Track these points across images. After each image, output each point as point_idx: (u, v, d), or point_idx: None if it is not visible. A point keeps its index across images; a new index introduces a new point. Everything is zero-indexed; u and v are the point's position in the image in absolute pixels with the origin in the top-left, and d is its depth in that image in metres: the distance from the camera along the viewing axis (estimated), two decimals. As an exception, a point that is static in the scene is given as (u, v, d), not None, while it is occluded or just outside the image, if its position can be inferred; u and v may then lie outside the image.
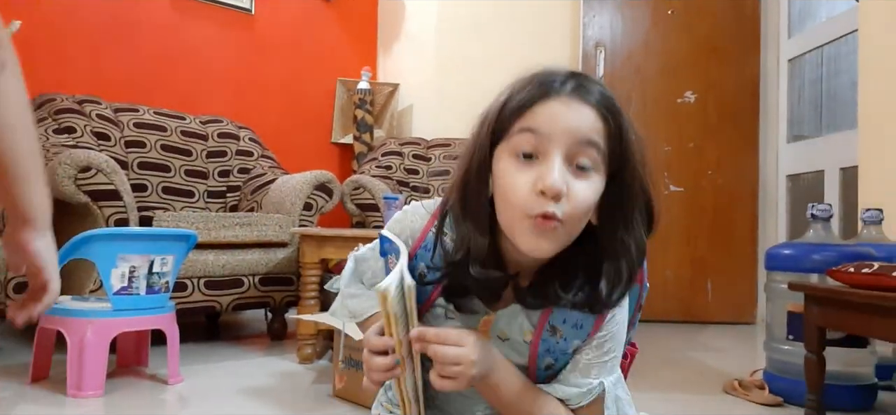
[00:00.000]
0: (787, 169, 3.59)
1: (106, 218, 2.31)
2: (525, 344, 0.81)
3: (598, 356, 0.81)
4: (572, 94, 0.73)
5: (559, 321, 0.80)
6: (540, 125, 0.72)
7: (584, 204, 0.72)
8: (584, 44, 3.68)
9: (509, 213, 0.73)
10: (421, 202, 0.88)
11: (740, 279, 3.63)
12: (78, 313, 1.88)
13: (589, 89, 0.74)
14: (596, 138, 0.72)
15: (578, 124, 0.72)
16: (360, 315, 0.89)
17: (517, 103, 0.74)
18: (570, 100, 0.73)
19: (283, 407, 1.81)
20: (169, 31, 3.50)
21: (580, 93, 0.73)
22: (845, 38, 3.10)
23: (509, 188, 0.72)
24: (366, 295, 0.90)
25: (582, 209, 0.72)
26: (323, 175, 2.89)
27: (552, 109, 0.72)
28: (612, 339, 0.82)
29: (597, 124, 0.73)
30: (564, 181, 0.70)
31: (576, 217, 0.72)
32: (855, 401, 1.88)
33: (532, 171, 0.71)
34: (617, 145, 0.74)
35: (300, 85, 4.00)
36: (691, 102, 3.68)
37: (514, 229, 0.73)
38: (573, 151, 0.71)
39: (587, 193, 0.72)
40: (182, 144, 3.13)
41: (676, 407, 1.92)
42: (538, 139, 0.71)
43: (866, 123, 2.45)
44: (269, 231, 2.69)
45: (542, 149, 0.71)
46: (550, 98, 0.73)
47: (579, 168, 0.72)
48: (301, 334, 2.31)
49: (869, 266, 1.57)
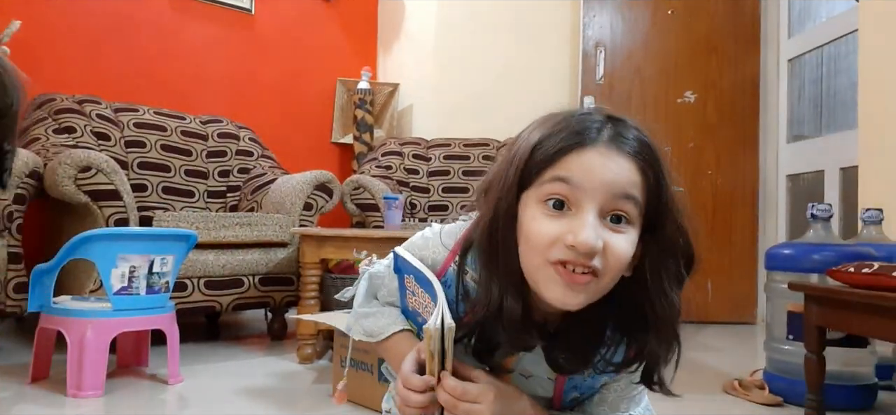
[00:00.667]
0: (787, 169, 3.59)
1: (106, 218, 2.30)
2: (550, 381, 0.78)
3: (627, 390, 0.79)
4: (609, 143, 0.68)
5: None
6: (574, 175, 0.67)
7: (620, 260, 0.68)
8: (584, 44, 3.68)
9: (532, 260, 0.69)
10: (438, 231, 0.84)
11: (740, 279, 3.63)
12: (78, 313, 1.88)
13: (626, 137, 0.70)
14: (633, 192, 0.68)
15: (615, 178, 0.67)
16: (376, 335, 0.86)
17: (550, 150, 0.68)
18: (606, 150, 0.68)
19: (283, 407, 1.81)
20: (169, 31, 3.50)
21: (617, 142, 0.69)
22: (845, 38, 3.10)
23: (534, 234, 0.68)
24: (381, 313, 0.87)
25: (618, 265, 0.68)
26: (323, 175, 2.89)
27: (588, 160, 0.67)
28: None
29: (634, 177, 0.68)
30: (599, 237, 0.66)
31: (610, 273, 0.68)
32: (855, 401, 1.88)
33: (562, 222, 0.67)
34: (654, 198, 0.70)
35: (300, 85, 4.00)
36: (691, 102, 3.68)
37: (538, 279, 0.69)
38: (609, 205, 0.67)
39: (624, 248, 0.68)
40: (182, 143, 3.13)
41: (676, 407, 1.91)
42: (571, 190, 0.67)
43: (866, 123, 2.45)
44: (269, 231, 2.69)
45: (575, 201, 0.67)
46: (586, 147, 0.68)
47: (614, 221, 0.68)
48: (301, 334, 2.31)
49: (869, 266, 1.57)
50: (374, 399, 1.72)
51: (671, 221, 0.71)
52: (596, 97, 3.65)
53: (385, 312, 0.87)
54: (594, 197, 0.67)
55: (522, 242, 0.70)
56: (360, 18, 4.29)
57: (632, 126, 0.71)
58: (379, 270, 0.90)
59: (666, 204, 0.70)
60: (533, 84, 3.77)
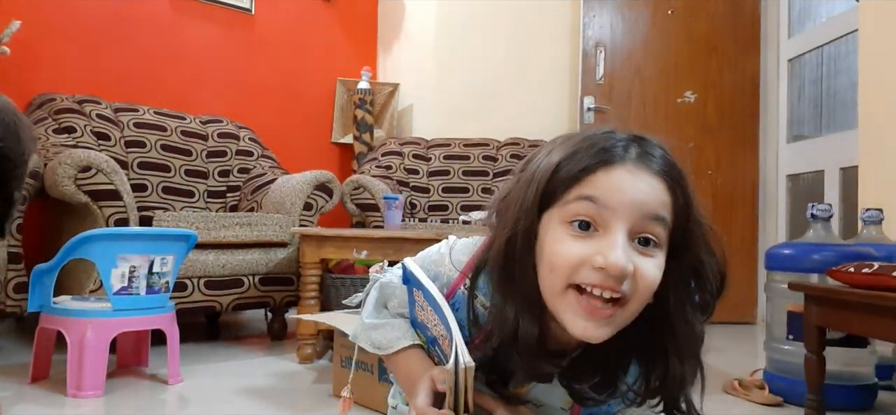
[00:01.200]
0: (787, 169, 3.59)
1: (106, 218, 2.30)
2: (564, 411, 0.75)
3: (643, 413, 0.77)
4: (638, 161, 0.66)
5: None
6: (602, 195, 0.63)
7: (650, 285, 0.64)
8: (584, 44, 3.67)
9: (555, 285, 0.65)
10: (448, 249, 0.80)
11: (740, 279, 3.63)
12: (78, 313, 1.88)
13: (653, 155, 0.67)
14: (663, 213, 0.65)
15: (646, 198, 0.64)
16: (385, 348, 0.82)
17: (575, 168, 0.65)
18: (635, 168, 0.65)
19: (283, 407, 1.81)
20: (169, 30, 3.50)
21: (646, 160, 0.66)
22: (845, 38, 3.10)
23: (559, 256, 0.64)
24: (391, 326, 0.83)
25: (646, 292, 0.64)
26: (323, 175, 2.89)
27: (617, 178, 0.64)
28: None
29: (664, 197, 0.65)
30: (629, 259, 0.62)
31: (638, 299, 0.64)
32: (855, 401, 1.88)
33: (589, 243, 0.63)
34: (682, 220, 0.66)
35: (300, 85, 4.00)
36: (691, 102, 3.68)
37: (560, 308, 0.65)
38: (638, 227, 0.64)
39: (653, 273, 0.64)
40: (182, 143, 3.13)
41: (676, 407, 1.91)
42: (599, 210, 0.63)
43: (866, 123, 2.45)
44: (269, 231, 2.69)
45: (603, 221, 0.63)
46: (614, 165, 0.65)
47: (643, 243, 0.64)
48: (301, 334, 2.31)
49: (869, 266, 1.57)
50: (375, 399, 1.72)
51: (698, 244, 0.68)
52: (596, 97, 3.65)
53: (395, 324, 0.83)
54: (624, 217, 0.63)
55: (543, 265, 0.66)
56: (360, 18, 4.29)
57: (657, 145, 0.69)
58: (391, 279, 0.86)
59: (692, 227, 0.67)
60: (533, 84, 3.77)
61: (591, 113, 3.65)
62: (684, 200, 0.66)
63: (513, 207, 0.69)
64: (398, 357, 0.81)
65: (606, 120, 3.66)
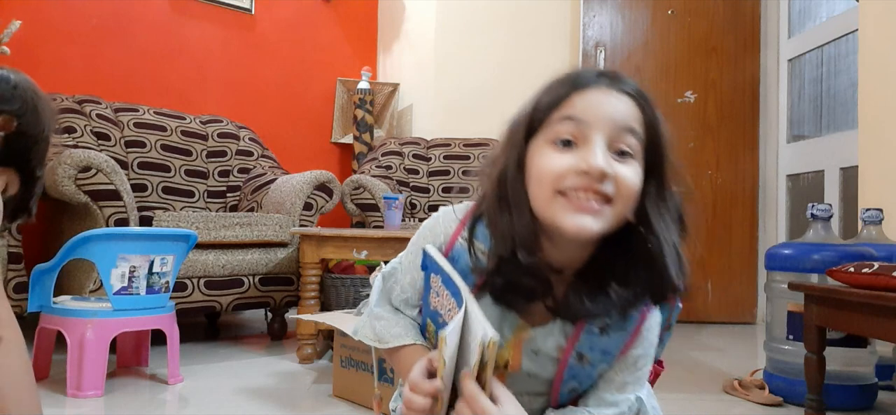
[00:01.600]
0: (787, 169, 3.59)
1: (106, 218, 2.31)
2: (554, 362, 0.79)
3: (631, 373, 0.80)
4: (609, 84, 0.73)
5: (586, 348, 0.78)
6: (579, 113, 0.71)
7: (630, 187, 0.70)
8: (584, 44, 3.68)
9: (544, 193, 0.71)
10: (452, 207, 0.84)
11: (740, 279, 3.63)
12: (78, 313, 1.88)
13: (623, 80, 0.75)
14: (635, 126, 0.72)
15: (618, 112, 0.71)
16: (388, 342, 0.85)
17: (554, 96, 0.73)
18: (607, 89, 0.73)
19: (283, 407, 1.81)
20: (168, 30, 3.50)
21: (616, 84, 0.73)
22: (845, 38, 3.11)
23: (546, 168, 0.71)
24: (396, 322, 0.86)
25: (628, 192, 0.70)
26: (323, 175, 2.89)
27: (591, 97, 0.72)
28: (645, 355, 0.81)
29: (635, 112, 0.73)
30: (609, 163, 0.69)
31: (622, 199, 0.70)
32: (855, 401, 1.88)
33: (572, 155, 0.70)
34: (653, 135, 0.74)
35: (300, 85, 4.00)
36: (691, 102, 3.68)
37: (553, 212, 0.70)
38: (614, 137, 0.71)
39: (632, 177, 0.71)
40: (182, 143, 3.13)
41: (676, 407, 1.92)
42: (578, 126, 0.71)
43: (866, 123, 2.45)
44: (269, 231, 2.69)
45: (583, 135, 0.70)
46: (588, 88, 0.72)
47: (621, 154, 0.71)
48: (301, 334, 2.31)
49: (869, 266, 1.57)
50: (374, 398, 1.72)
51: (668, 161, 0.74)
52: (596, 97, 3.65)
53: (400, 321, 0.86)
54: (600, 129, 0.70)
55: (533, 183, 0.72)
56: (360, 18, 4.29)
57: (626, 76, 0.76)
58: (393, 266, 0.89)
59: (662, 143, 0.74)
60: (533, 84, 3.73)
61: (591, 113, 3.65)
62: (653, 118, 0.74)
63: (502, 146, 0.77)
64: (401, 353, 0.83)
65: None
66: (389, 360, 0.88)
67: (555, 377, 0.79)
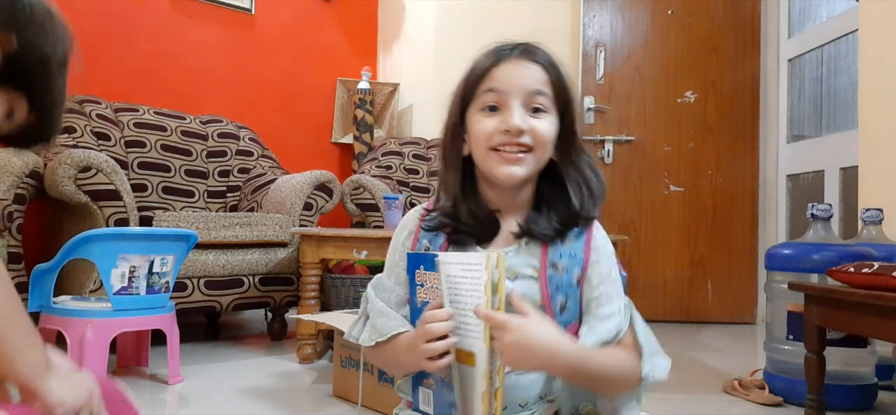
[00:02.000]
0: (787, 169, 3.59)
1: (106, 218, 2.31)
2: (534, 280, 0.91)
3: (608, 282, 0.92)
4: (521, 55, 0.91)
5: (556, 257, 0.91)
6: (498, 84, 0.90)
7: (545, 135, 0.90)
8: (584, 44, 3.68)
9: (480, 150, 0.91)
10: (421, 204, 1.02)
11: (740, 279, 3.63)
12: (78, 313, 1.88)
13: (534, 51, 0.92)
14: (543, 88, 0.91)
15: (528, 79, 0.90)
16: (384, 334, 0.93)
17: (478, 72, 0.92)
18: (519, 60, 0.91)
19: (283, 407, 1.81)
20: (168, 30, 3.50)
21: (526, 54, 0.92)
22: (845, 38, 3.11)
23: (479, 131, 0.91)
24: (391, 317, 0.94)
25: (543, 139, 0.90)
26: (323, 175, 2.89)
27: (506, 69, 0.91)
28: (609, 259, 0.94)
29: (543, 76, 0.91)
30: (524, 120, 0.89)
31: (540, 146, 0.90)
32: (855, 401, 1.88)
33: (497, 118, 0.90)
34: (561, 91, 0.92)
35: (300, 85, 4.00)
36: (691, 102, 3.68)
37: (489, 165, 0.90)
38: (527, 100, 0.90)
39: (545, 127, 0.90)
40: (182, 143, 3.13)
41: (676, 407, 1.92)
42: (498, 95, 0.90)
43: (866, 123, 2.45)
44: (269, 231, 2.69)
45: (503, 102, 0.90)
46: (504, 61, 0.91)
47: (535, 111, 0.90)
48: (301, 334, 2.32)
49: (869, 266, 1.57)
50: (374, 399, 1.72)
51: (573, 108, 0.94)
52: (596, 97, 3.65)
53: (394, 315, 0.95)
54: (516, 95, 0.89)
55: (473, 144, 0.92)
56: (360, 18, 4.29)
57: (538, 47, 0.94)
58: (379, 276, 1.01)
59: (569, 95, 0.93)
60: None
61: (592, 113, 3.65)
62: (558, 76, 0.92)
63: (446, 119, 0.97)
64: (395, 342, 0.92)
65: (607, 121, 3.66)
66: (382, 356, 0.94)
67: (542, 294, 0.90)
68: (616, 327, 0.89)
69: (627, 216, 3.66)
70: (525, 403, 0.90)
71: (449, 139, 0.95)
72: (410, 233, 0.98)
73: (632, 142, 3.66)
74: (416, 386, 0.92)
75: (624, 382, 0.89)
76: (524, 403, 0.90)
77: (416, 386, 0.92)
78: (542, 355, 0.82)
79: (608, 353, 0.88)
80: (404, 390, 0.97)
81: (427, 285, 0.87)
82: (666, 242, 3.64)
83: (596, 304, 0.91)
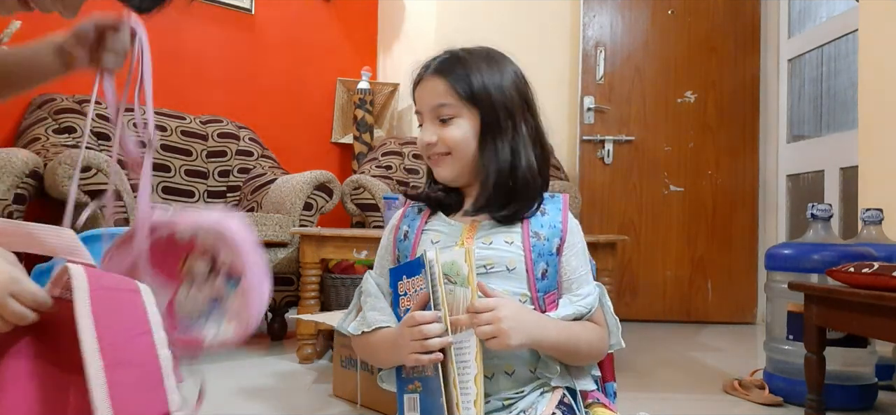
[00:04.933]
0: (787, 169, 3.59)
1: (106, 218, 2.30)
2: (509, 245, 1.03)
3: (582, 264, 1.07)
4: (431, 72, 1.06)
5: (538, 226, 1.05)
6: (417, 104, 1.09)
7: (455, 140, 1.05)
8: (584, 44, 3.68)
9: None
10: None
11: (740, 279, 3.63)
12: (78, 313, 1.88)
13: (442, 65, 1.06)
14: (445, 99, 1.04)
15: (431, 97, 1.06)
16: (372, 324, 1.04)
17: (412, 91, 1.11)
18: (428, 78, 1.07)
19: (283, 407, 1.82)
20: (168, 30, 3.50)
21: (433, 69, 1.06)
22: (845, 38, 3.11)
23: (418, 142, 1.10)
24: (380, 311, 1.06)
25: (456, 143, 1.05)
26: (323, 175, 2.89)
27: (419, 90, 1.09)
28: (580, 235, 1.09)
29: (445, 87, 1.04)
30: (433, 134, 1.06)
31: (456, 149, 1.05)
32: (855, 401, 1.88)
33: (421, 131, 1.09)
34: (470, 92, 1.04)
35: (300, 85, 4.00)
36: (691, 102, 3.68)
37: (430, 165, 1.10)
38: (435, 113, 1.06)
39: (454, 133, 1.05)
40: (182, 143, 3.13)
41: (676, 407, 1.92)
42: (419, 115, 1.10)
43: (866, 123, 2.45)
44: (269, 231, 2.69)
45: (422, 118, 1.09)
46: (419, 83, 1.09)
47: (442, 121, 1.06)
48: (301, 334, 2.32)
49: (869, 266, 1.57)
50: (374, 399, 1.72)
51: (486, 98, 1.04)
52: (596, 97, 3.65)
53: (384, 310, 1.06)
54: (427, 111, 1.07)
55: None
56: (360, 18, 4.29)
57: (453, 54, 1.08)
58: (367, 284, 1.12)
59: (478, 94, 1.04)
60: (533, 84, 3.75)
61: (592, 113, 3.65)
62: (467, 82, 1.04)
63: None
64: (377, 333, 1.03)
65: (607, 121, 3.66)
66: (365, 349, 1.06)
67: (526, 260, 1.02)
68: (590, 304, 1.04)
69: (627, 216, 3.66)
70: (512, 371, 1.00)
71: None
72: (393, 227, 1.15)
73: (632, 142, 3.66)
74: (401, 393, 0.95)
75: (596, 351, 1.05)
76: (511, 371, 1.00)
77: (401, 394, 0.94)
78: (535, 328, 0.95)
79: (584, 326, 1.03)
80: (387, 381, 1.06)
81: (410, 292, 0.95)
82: (666, 242, 3.64)
83: (577, 284, 1.06)
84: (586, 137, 3.64)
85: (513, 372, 0.99)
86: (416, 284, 0.92)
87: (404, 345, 0.92)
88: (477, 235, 1.04)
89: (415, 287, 0.93)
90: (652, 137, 3.67)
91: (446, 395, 0.88)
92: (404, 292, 0.95)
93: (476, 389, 0.89)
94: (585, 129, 3.64)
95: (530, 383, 1.00)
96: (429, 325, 0.91)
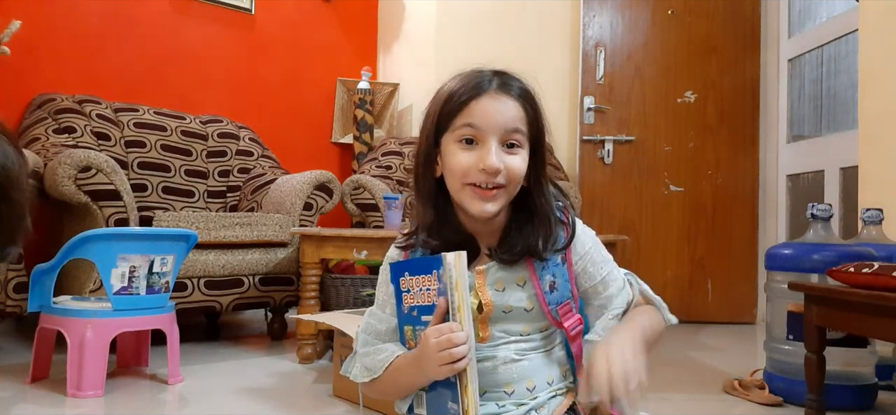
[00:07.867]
0: (787, 169, 3.59)
1: (106, 218, 2.31)
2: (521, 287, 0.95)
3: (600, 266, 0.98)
4: (498, 90, 0.92)
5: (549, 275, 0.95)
6: (477, 120, 0.90)
7: (517, 172, 0.91)
8: (584, 44, 3.68)
9: (454, 182, 0.92)
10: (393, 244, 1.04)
11: (740, 279, 3.63)
12: (78, 313, 1.88)
13: (511, 85, 0.94)
14: (520, 125, 0.92)
15: (506, 117, 0.91)
16: (376, 370, 0.96)
17: (456, 102, 0.92)
18: (497, 95, 0.92)
19: (283, 407, 1.81)
20: (168, 30, 3.50)
21: (504, 88, 0.92)
22: (845, 38, 3.10)
23: (455, 165, 0.91)
24: (379, 351, 0.97)
25: (516, 177, 0.91)
26: (323, 175, 2.89)
27: (485, 104, 0.91)
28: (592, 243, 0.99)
29: (519, 113, 0.92)
30: (500, 160, 0.89)
31: (512, 183, 0.91)
32: (855, 401, 1.88)
33: (473, 153, 0.90)
34: (535, 124, 0.94)
35: (300, 85, 4.00)
36: (691, 102, 3.68)
37: (462, 198, 0.91)
38: (504, 137, 0.90)
39: (518, 164, 0.91)
40: (182, 143, 3.13)
41: (676, 407, 1.92)
42: (476, 130, 0.90)
43: (866, 122, 2.45)
44: (269, 231, 2.69)
45: (481, 137, 0.90)
46: (483, 95, 0.91)
47: (509, 147, 0.91)
48: (301, 334, 2.31)
49: (869, 266, 1.57)
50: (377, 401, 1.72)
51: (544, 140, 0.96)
52: (596, 97, 3.65)
53: (382, 348, 0.97)
54: (493, 132, 0.90)
55: (447, 173, 0.93)
56: (360, 18, 4.29)
57: (514, 76, 0.96)
58: (366, 319, 1.02)
59: (542, 129, 0.95)
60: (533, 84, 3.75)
61: (592, 113, 3.65)
62: (534, 112, 0.94)
63: (419, 139, 0.98)
64: (390, 369, 0.94)
65: (607, 121, 3.66)
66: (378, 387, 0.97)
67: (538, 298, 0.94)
68: (627, 297, 0.99)
69: (627, 216, 3.66)
70: (533, 387, 0.95)
71: (422, 163, 0.95)
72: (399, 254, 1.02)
73: (632, 142, 3.66)
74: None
75: (659, 331, 1.01)
76: (532, 387, 0.95)
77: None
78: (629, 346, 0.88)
79: (641, 313, 0.99)
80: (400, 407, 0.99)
81: (414, 290, 0.91)
82: (666, 242, 3.64)
83: (602, 287, 0.98)
84: (586, 137, 3.64)
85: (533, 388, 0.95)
86: (421, 283, 0.89)
87: (433, 358, 0.86)
88: (487, 283, 0.95)
89: (419, 285, 0.90)
90: (652, 137, 3.67)
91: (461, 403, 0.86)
92: (407, 290, 0.91)
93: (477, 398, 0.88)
94: (585, 129, 3.64)
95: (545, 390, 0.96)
96: (456, 334, 0.85)
